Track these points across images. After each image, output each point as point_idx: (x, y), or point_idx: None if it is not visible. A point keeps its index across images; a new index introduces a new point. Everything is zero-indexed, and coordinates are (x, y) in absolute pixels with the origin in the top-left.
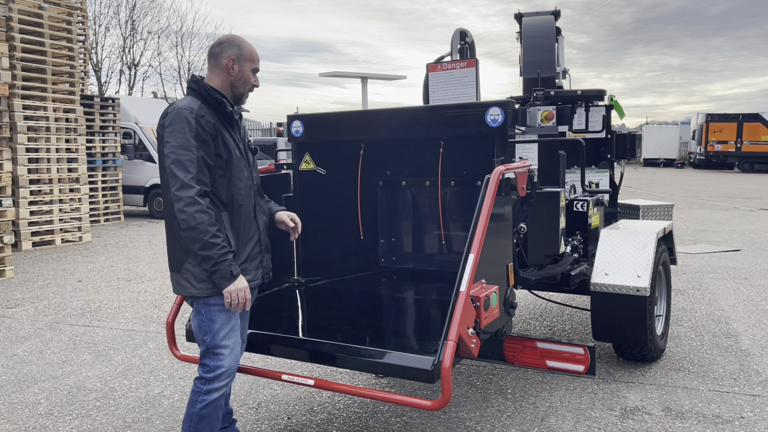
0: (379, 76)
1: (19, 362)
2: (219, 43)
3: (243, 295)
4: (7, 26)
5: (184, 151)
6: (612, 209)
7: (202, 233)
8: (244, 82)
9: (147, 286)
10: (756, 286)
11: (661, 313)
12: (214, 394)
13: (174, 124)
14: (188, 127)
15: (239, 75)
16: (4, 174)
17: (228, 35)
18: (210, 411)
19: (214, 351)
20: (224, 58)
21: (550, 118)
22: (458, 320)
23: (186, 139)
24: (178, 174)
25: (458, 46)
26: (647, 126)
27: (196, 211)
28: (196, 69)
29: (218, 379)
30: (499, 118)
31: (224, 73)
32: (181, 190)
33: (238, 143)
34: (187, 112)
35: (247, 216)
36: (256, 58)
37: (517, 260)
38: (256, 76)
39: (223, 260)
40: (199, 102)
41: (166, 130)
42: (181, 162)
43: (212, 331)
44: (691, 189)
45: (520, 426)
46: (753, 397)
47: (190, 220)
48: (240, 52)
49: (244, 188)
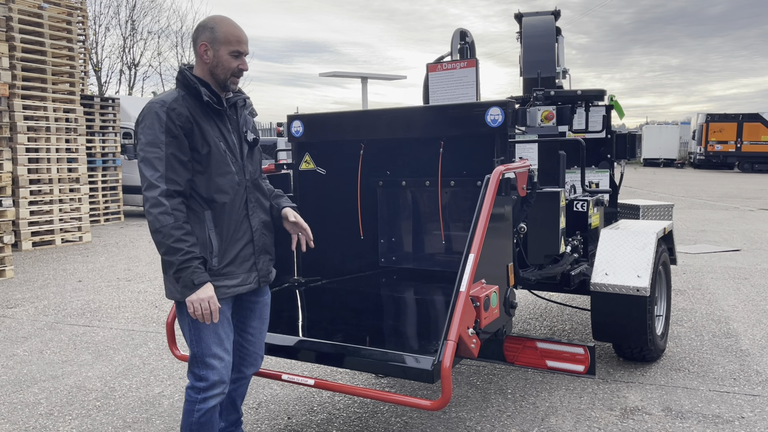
0: (379, 76)
1: (19, 362)
2: (196, 28)
3: (206, 305)
4: (7, 26)
5: (152, 148)
6: (612, 209)
7: (166, 237)
8: (222, 69)
9: (147, 286)
10: (756, 286)
11: (661, 313)
12: (211, 402)
13: (145, 119)
14: (158, 122)
15: (215, 61)
16: (4, 174)
17: (208, 17)
18: (208, 418)
19: (204, 361)
20: (198, 45)
21: (550, 118)
22: (458, 320)
23: (155, 135)
24: (145, 173)
25: (458, 46)
26: (647, 126)
27: (160, 213)
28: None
29: (211, 388)
30: (499, 118)
31: (201, 60)
32: (148, 190)
33: (226, 135)
34: (157, 106)
35: (235, 215)
36: (235, 39)
37: (517, 260)
38: (243, 59)
39: (185, 267)
40: (177, 93)
41: (139, 126)
42: (149, 160)
43: (200, 341)
44: (691, 189)
45: (520, 426)
46: (753, 397)
47: (155, 223)
48: (213, 35)
49: (229, 185)
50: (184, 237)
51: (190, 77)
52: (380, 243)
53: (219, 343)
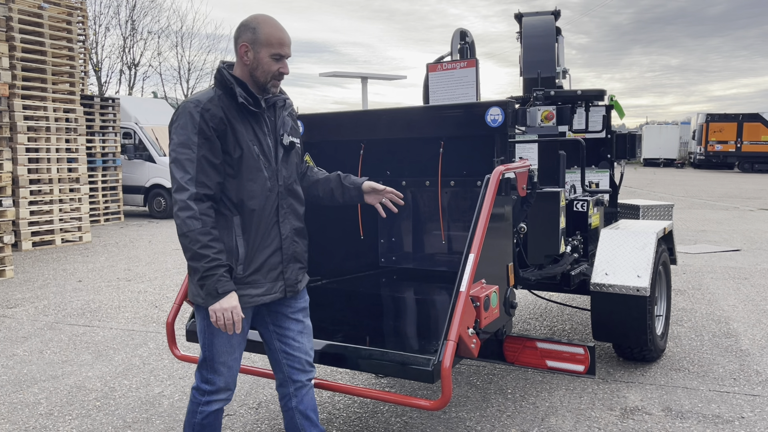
0: (379, 76)
1: (19, 362)
2: (238, 27)
3: (229, 315)
4: (7, 26)
5: (184, 150)
6: (612, 209)
7: (192, 242)
8: (262, 71)
9: (147, 286)
10: (756, 286)
11: (661, 313)
12: (214, 406)
13: (179, 119)
14: (191, 123)
15: (255, 63)
16: (4, 174)
17: (251, 16)
18: (212, 421)
19: (212, 366)
20: (239, 45)
21: (550, 118)
22: (458, 320)
23: (187, 136)
24: (175, 174)
25: (458, 46)
26: (647, 126)
27: (188, 216)
28: (196, 69)
29: (216, 393)
30: (499, 118)
31: (240, 61)
32: (177, 192)
33: (260, 138)
34: (192, 106)
35: (264, 221)
36: (277, 41)
37: (517, 260)
38: (284, 62)
39: (210, 275)
40: (213, 93)
41: (173, 126)
42: (180, 161)
43: (212, 346)
44: (691, 189)
45: (520, 426)
46: (753, 397)
47: (182, 227)
48: (254, 36)
49: (260, 190)
50: (211, 243)
51: (228, 76)
52: (380, 243)
53: (230, 352)
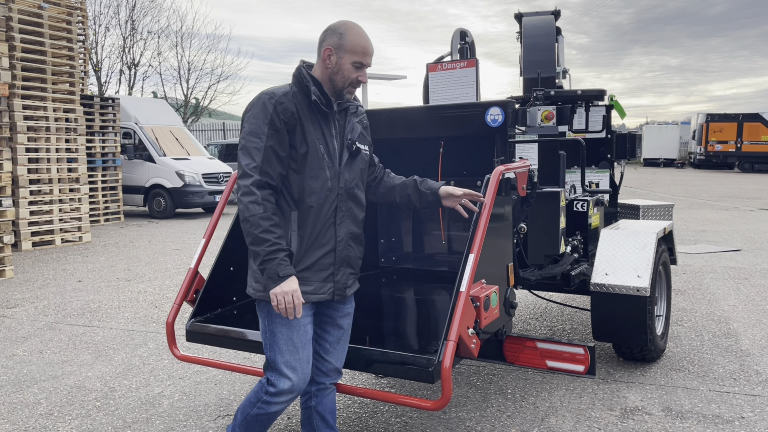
0: (379, 76)
1: (19, 362)
2: (325, 30)
3: (290, 299)
4: (7, 26)
5: (253, 138)
6: (612, 209)
7: (254, 226)
8: (342, 76)
9: (147, 286)
10: (756, 286)
11: (661, 313)
12: (274, 408)
13: (253, 109)
14: (263, 114)
15: (336, 68)
16: (4, 174)
17: (339, 21)
18: (266, 419)
19: (277, 368)
20: (323, 48)
21: (550, 118)
22: (458, 320)
23: (258, 125)
24: (242, 161)
25: (458, 46)
26: (647, 126)
27: (250, 201)
28: (196, 69)
29: (279, 395)
30: (499, 118)
31: (322, 63)
32: (242, 178)
33: (327, 138)
34: (266, 98)
35: (321, 221)
36: (361, 50)
37: (517, 260)
38: (364, 71)
39: (271, 258)
40: (289, 89)
41: (246, 114)
42: (248, 149)
43: (273, 347)
44: (691, 189)
45: (520, 426)
46: (753, 397)
47: (245, 211)
48: (340, 42)
49: (320, 189)
50: (272, 228)
51: (305, 75)
52: (380, 243)
53: (293, 351)
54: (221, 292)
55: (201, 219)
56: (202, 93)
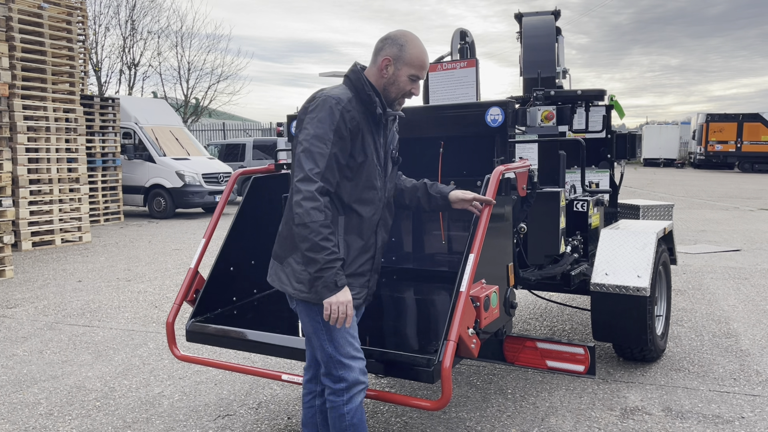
0: None
1: (19, 362)
2: (384, 38)
3: (344, 309)
4: (7, 26)
5: (319, 143)
6: (612, 209)
7: (314, 233)
8: (397, 88)
9: (147, 286)
10: (756, 286)
11: (661, 313)
12: (357, 399)
13: (318, 111)
14: (330, 119)
15: (393, 78)
16: (4, 174)
17: (399, 31)
18: (360, 417)
19: (341, 361)
20: (381, 57)
21: (550, 118)
22: (458, 320)
23: (325, 130)
24: (304, 164)
25: (458, 46)
26: (647, 126)
27: (313, 207)
28: (196, 69)
29: (353, 386)
30: (499, 118)
31: (378, 72)
32: (303, 182)
33: (379, 149)
34: (333, 102)
35: (367, 229)
36: (419, 64)
37: (517, 260)
38: (418, 83)
39: (329, 267)
40: (351, 94)
41: (308, 115)
42: (312, 153)
43: (333, 341)
44: (691, 189)
45: (520, 426)
46: (753, 397)
47: (305, 216)
48: (400, 53)
49: (371, 199)
50: (330, 236)
51: (366, 83)
52: None
53: (352, 343)
54: (221, 292)
55: (201, 219)
56: (202, 93)
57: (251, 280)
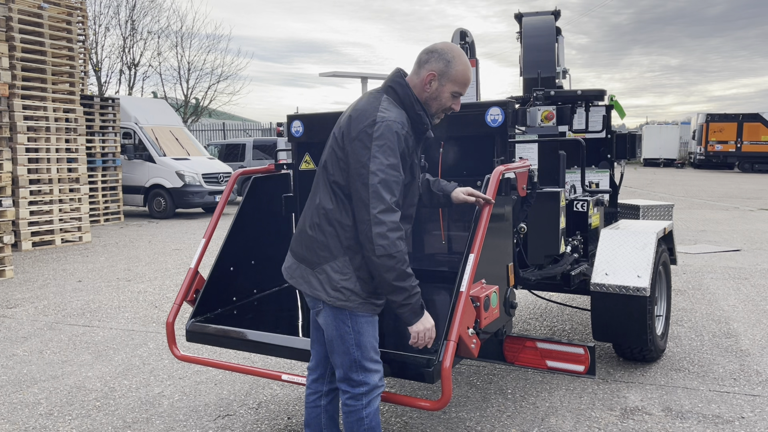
0: (379, 76)
1: (19, 362)
2: (430, 51)
3: (431, 335)
4: (7, 26)
5: (394, 172)
6: (612, 209)
7: (400, 262)
8: (438, 103)
9: (147, 286)
10: (756, 286)
11: (661, 313)
12: (375, 403)
13: (385, 137)
14: (398, 145)
15: (435, 93)
16: (4, 174)
17: (446, 45)
18: (377, 422)
19: (364, 365)
20: (425, 71)
21: (550, 118)
22: (458, 320)
23: (396, 158)
24: (384, 196)
25: (458, 46)
26: (647, 126)
27: (398, 238)
28: (196, 69)
29: (372, 391)
30: (499, 118)
31: (421, 85)
32: (385, 213)
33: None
34: (398, 127)
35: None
36: (463, 81)
37: (517, 260)
38: (458, 99)
39: (416, 293)
40: (405, 115)
41: (375, 142)
42: (389, 183)
43: (361, 346)
44: (691, 189)
45: (520, 426)
46: (753, 397)
47: (391, 248)
48: (446, 69)
49: (411, 215)
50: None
51: (416, 101)
52: None
53: (375, 348)
54: (221, 292)
55: (201, 219)
56: (202, 93)
57: (251, 280)
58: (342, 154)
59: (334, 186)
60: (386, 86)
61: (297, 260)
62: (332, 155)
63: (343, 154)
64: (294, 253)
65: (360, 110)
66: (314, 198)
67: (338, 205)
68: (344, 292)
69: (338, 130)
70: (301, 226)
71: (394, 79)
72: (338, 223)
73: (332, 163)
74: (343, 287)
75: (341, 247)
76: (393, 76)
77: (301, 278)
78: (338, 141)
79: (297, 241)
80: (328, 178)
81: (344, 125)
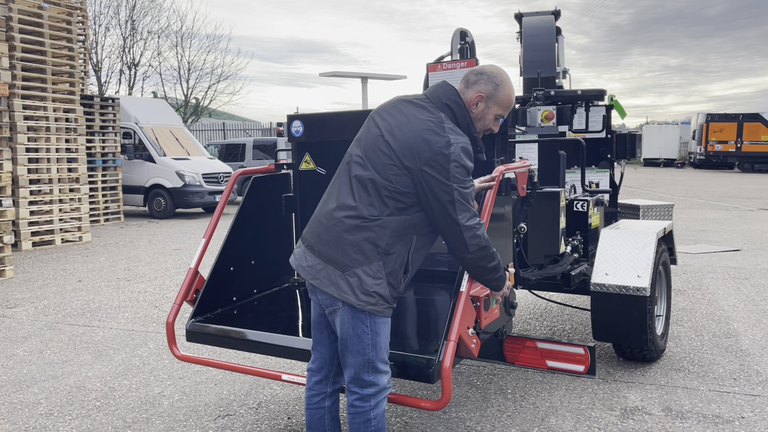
0: (379, 76)
1: (19, 362)
2: (479, 72)
3: (509, 284)
4: (7, 26)
5: (470, 184)
6: (612, 209)
7: (492, 250)
8: (482, 124)
9: (147, 286)
10: (756, 286)
11: (661, 313)
12: (383, 404)
13: (463, 159)
14: (470, 162)
15: (481, 114)
16: (4, 174)
17: (495, 69)
18: (383, 423)
19: (377, 366)
20: (473, 91)
21: (550, 118)
22: (458, 320)
23: (469, 173)
24: (469, 206)
25: (458, 46)
26: (647, 126)
27: (483, 231)
28: (196, 69)
29: (381, 392)
30: None
31: (468, 105)
32: (472, 219)
33: None
34: (470, 148)
35: (427, 249)
36: (508, 105)
37: (517, 260)
38: (499, 122)
39: (501, 266)
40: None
41: (452, 164)
42: (469, 195)
43: (377, 345)
44: (691, 189)
45: (520, 426)
46: (753, 397)
47: (482, 241)
48: (495, 93)
49: None
50: None
51: (471, 123)
52: None
53: (387, 349)
54: (221, 292)
55: (201, 219)
56: (202, 93)
57: (251, 280)
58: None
59: (382, 190)
60: (442, 104)
61: (323, 261)
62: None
63: (396, 160)
64: (317, 252)
65: (424, 128)
66: (342, 197)
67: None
68: (374, 297)
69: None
70: (326, 224)
71: (452, 98)
72: (378, 227)
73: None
74: (374, 291)
75: (377, 252)
76: (449, 93)
77: (328, 279)
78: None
79: (321, 240)
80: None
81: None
